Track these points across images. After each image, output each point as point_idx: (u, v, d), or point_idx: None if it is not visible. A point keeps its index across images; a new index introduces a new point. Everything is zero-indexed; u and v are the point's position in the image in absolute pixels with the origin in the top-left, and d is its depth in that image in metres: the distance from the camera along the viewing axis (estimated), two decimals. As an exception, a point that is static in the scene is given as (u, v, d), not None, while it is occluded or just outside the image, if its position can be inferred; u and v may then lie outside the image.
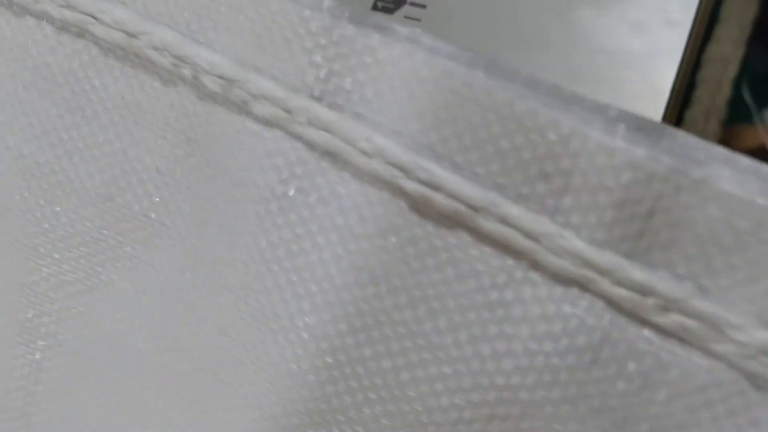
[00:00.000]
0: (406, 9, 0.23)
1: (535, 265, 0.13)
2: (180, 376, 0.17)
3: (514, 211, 0.13)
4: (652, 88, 0.22)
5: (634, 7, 0.22)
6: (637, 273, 0.12)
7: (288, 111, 0.14)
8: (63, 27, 0.16)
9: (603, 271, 0.12)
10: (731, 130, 0.39)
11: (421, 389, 0.14)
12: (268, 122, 0.15)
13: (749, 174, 0.12)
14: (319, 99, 0.14)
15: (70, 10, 0.15)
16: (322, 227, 0.14)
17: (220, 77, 0.15)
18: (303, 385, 0.15)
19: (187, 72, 0.15)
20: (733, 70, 0.27)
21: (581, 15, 0.22)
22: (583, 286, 0.13)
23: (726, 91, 0.27)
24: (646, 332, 0.13)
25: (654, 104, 0.22)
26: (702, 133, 0.28)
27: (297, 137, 0.14)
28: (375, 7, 0.23)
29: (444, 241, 0.13)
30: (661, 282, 0.12)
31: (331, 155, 0.14)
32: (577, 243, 0.12)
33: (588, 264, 0.12)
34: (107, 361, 0.18)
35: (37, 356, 0.19)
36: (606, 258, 0.12)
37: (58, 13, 0.16)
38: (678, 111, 0.25)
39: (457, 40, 0.22)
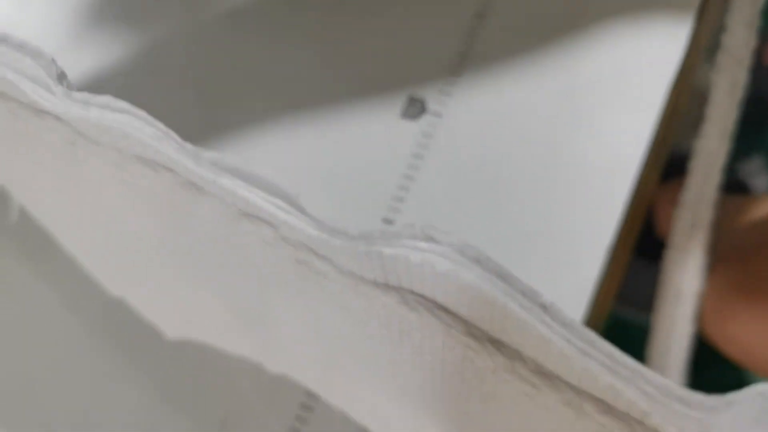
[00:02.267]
0: (427, 117, 0.28)
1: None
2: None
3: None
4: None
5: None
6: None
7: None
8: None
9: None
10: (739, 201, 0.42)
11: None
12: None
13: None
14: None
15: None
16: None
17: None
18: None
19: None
20: (720, 161, 0.31)
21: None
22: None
23: (715, 178, 0.31)
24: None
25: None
26: (696, 214, 0.32)
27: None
28: (403, 115, 0.29)
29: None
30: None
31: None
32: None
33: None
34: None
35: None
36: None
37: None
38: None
39: (470, 142, 0.27)
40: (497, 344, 0.14)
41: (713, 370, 0.46)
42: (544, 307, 0.13)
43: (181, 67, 0.30)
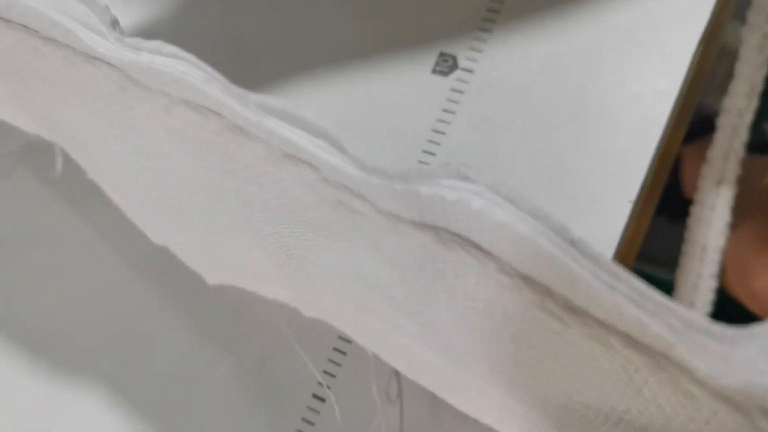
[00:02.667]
0: (457, 73, 0.29)
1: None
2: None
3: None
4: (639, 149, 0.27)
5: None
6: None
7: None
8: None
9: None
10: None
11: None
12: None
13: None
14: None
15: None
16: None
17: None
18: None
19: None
20: (748, 118, 0.31)
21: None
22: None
23: (743, 135, 0.31)
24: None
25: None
26: (722, 170, 0.32)
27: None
28: (434, 71, 0.29)
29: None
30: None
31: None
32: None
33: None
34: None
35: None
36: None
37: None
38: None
39: (500, 97, 0.28)
40: (528, 280, 0.15)
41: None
42: (573, 243, 0.13)
43: (216, 23, 0.31)
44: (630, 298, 0.13)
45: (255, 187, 0.18)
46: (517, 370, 0.20)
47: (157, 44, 0.15)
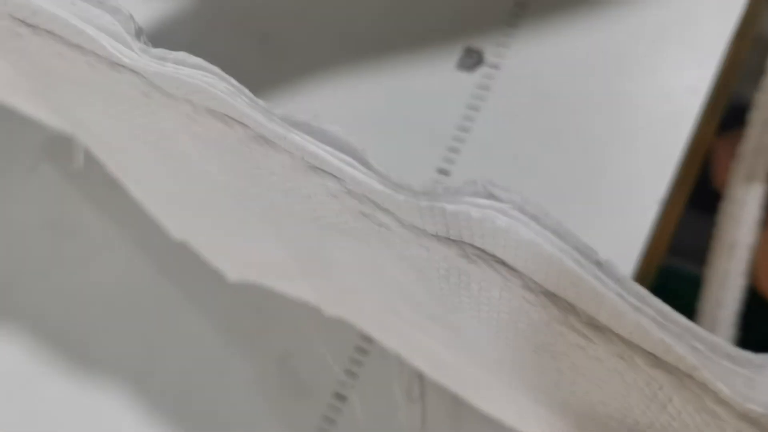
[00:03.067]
0: (483, 69, 0.29)
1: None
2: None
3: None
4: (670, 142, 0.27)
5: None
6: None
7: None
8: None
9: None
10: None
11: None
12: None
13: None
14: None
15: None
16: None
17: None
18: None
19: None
20: (780, 116, 0.30)
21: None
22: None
23: (774, 132, 0.31)
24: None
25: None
26: (753, 166, 0.32)
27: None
28: (459, 66, 0.29)
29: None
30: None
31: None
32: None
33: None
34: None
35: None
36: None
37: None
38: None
39: (526, 94, 0.28)
40: (552, 297, 0.15)
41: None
42: (599, 264, 0.13)
43: (242, 17, 0.31)
44: (654, 320, 0.13)
45: (279, 192, 0.18)
46: (540, 379, 0.20)
47: (182, 55, 0.15)
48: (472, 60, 0.29)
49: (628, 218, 0.26)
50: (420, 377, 0.27)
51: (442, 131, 0.28)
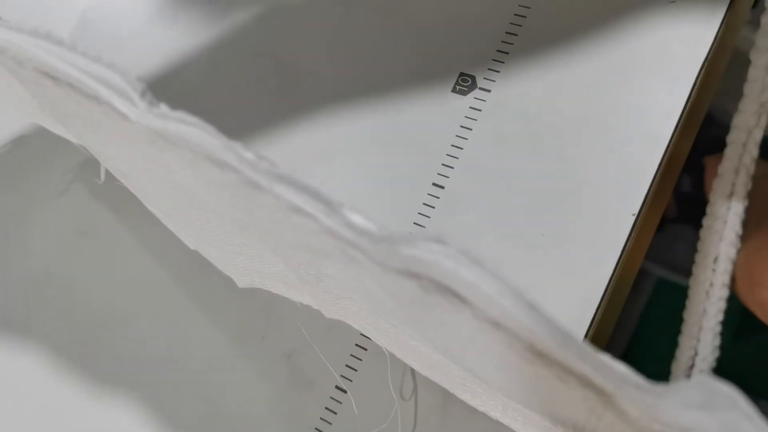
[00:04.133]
0: (476, 92, 0.30)
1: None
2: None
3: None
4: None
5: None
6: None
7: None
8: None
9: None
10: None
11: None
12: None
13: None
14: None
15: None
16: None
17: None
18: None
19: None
20: (758, 135, 0.32)
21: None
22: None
23: (753, 152, 0.32)
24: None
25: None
26: (732, 184, 0.33)
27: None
28: (453, 90, 0.31)
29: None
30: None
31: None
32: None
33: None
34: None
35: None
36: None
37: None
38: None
39: (515, 116, 0.29)
40: (496, 325, 0.17)
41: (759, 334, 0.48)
42: (530, 306, 0.15)
43: (255, 42, 0.33)
44: (576, 355, 0.15)
45: (270, 224, 0.20)
46: (510, 384, 0.22)
47: (181, 115, 0.17)
48: (465, 85, 0.31)
49: (606, 229, 0.28)
50: (413, 375, 0.29)
51: (437, 149, 0.30)
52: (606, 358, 0.15)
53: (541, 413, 0.22)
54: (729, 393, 0.14)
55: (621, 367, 0.15)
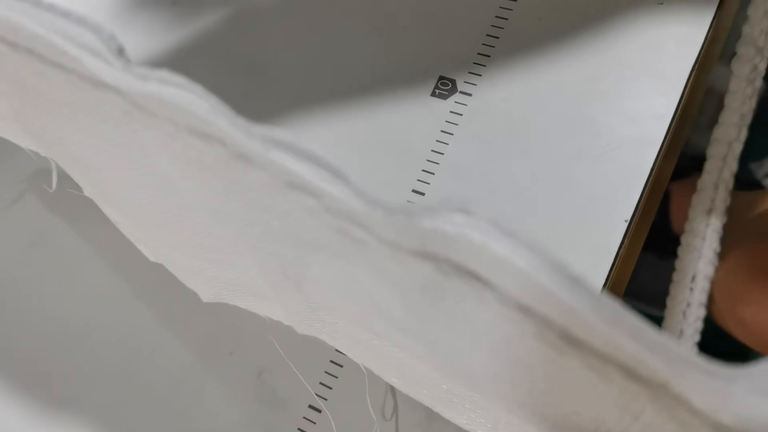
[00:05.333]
0: (457, 96, 0.29)
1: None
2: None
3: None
4: (637, 166, 0.26)
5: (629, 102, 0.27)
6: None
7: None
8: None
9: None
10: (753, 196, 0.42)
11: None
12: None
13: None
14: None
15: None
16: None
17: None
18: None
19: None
20: (737, 148, 0.31)
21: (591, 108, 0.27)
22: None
23: (732, 165, 0.31)
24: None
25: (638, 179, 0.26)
26: (712, 199, 0.32)
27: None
28: (433, 94, 0.29)
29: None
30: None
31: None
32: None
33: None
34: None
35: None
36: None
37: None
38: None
39: (498, 120, 0.28)
40: (526, 311, 0.14)
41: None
42: (572, 279, 0.13)
43: (228, 44, 0.31)
44: (628, 334, 0.13)
45: (257, 209, 0.17)
46: (513, 389, 0.19)
47: (164, 74, 0.15)
48: (445, 88, 0.29)
49: (599, 236, 0.26)
50: (393, 393, 0.27)
51: (418, 154, 0.28)
52: (667, 338, 0.13)
53: (553, 420, 0.20)
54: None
55: (680, 346, 0.12)
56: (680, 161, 0.30)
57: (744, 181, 0.34)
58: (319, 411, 0.27)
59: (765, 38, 0.28)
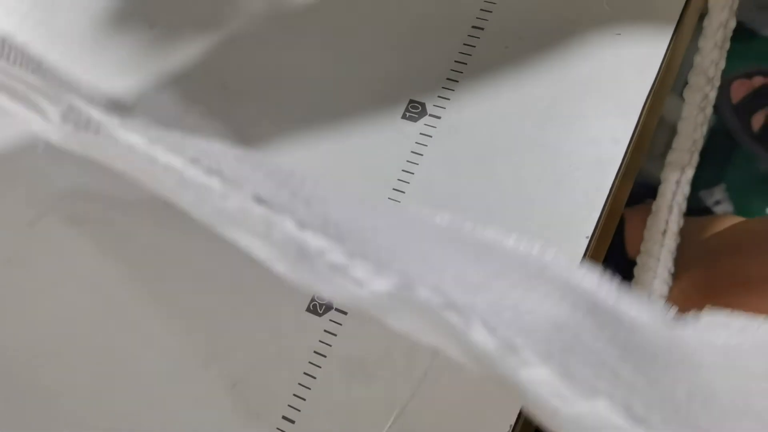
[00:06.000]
0: (426, 119, 0.29)
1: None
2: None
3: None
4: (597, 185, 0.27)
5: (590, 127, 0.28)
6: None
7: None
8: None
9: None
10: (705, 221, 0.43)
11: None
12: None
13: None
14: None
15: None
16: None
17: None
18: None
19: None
20: (690, 173, 0.32)
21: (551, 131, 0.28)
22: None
23: (685, 189, 0.32)
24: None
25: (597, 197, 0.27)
26: (666, 221, 0.33)
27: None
28: (404, 116, 0.30)
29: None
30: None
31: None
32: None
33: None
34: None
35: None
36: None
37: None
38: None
39: (465, 141, 0.28)
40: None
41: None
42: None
43: (200, 67, 0.31)
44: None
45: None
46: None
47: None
48: (415, 111, 0.29)
49: (563, 251, 0.27)
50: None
51: (388, 174, 0.29)
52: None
53: None
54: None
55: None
56: (634, 188, 0.31)
57: (695, 209, 0.36)
58: (293, 422, 0.27)
59: (715, 69, 0.30)
